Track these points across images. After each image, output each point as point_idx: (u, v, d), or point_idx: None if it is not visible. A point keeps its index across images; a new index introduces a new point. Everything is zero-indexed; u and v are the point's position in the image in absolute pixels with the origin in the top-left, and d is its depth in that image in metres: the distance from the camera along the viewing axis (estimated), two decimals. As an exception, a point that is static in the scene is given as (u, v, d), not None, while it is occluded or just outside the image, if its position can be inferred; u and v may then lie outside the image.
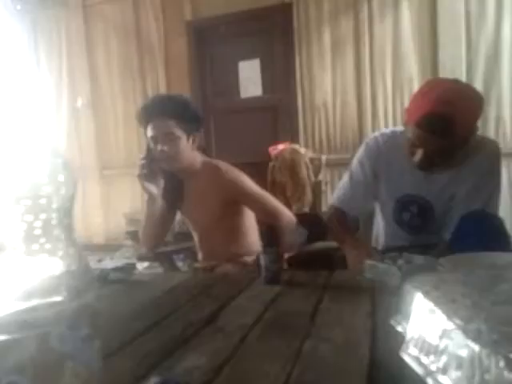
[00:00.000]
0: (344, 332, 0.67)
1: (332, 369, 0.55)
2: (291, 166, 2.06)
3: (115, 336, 0.70)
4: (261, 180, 1.64)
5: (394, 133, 1.38)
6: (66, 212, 0.41)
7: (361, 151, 1.42)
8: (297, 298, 0.87)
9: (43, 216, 0.40)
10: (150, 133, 1.51)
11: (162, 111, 1.50)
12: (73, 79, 4.22)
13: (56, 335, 0.34)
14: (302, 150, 2.21)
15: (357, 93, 3.29)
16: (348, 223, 1.42)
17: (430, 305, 0.54)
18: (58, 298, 0.37)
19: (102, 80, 4.14)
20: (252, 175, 1.60)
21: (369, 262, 0.96)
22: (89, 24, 4.14)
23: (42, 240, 0.41)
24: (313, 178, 2.06)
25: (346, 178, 1.45)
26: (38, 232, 0.41)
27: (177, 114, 1.51)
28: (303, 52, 3.44)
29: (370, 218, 1.56)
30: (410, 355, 0.52)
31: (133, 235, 3.07)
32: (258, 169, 1.87)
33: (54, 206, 0.40)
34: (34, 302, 0.36)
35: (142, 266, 1.76)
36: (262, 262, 1.00)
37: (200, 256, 1.74)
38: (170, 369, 0.59)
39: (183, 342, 0.69)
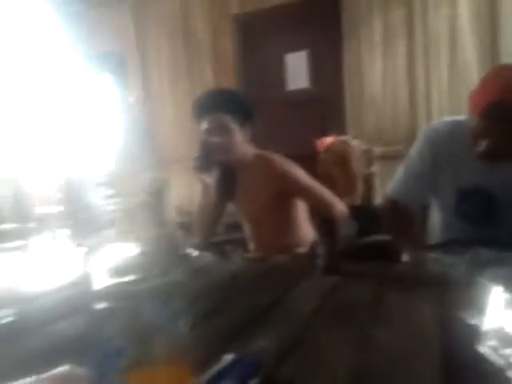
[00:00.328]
0: (412, 323, 0.66)
1: (404, 358, 0.55)
2: (342, 158, 2.03)
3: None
4: (308, 173, 1.63)
5: (455, 121, 1.33)
6: (158, 195, 0.43)
7: (419, 140, 1.37)
8: (358, 289, 0.87)
9: (136, 198, 0.42)
10: (204, 126, 1.55)
11: (215, 105, 1.55)
12: (125, 76, 4.40)
13: (148, 307, 0.37)
14: (353, 142, 2.18)
15: (409, 83, 3.17)
16: (404, 216, 1.38)
17: (510, 297, 0.52)
18: (150, 274, 0.39)
19: (153, 76, 4.28)
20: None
21: (432, 254, 0.94)
22: (138, 22, 4.29)
23: (136, 221, 0.43)
24: (364, 171, 2.02)
25: (402, 168, 1.41)
26: (131, 213, 0.43)
27: (230, 107, 1.55)
28: (352, 42, 3.36)
29: (427, 210, 1.52)
30: (488, 347, 0.51)
31: (182, 226, 3.16)
32: (305, 162, 1.86)
33: (147, 189, 0.42)
34: (129, 277, 0.39)
35: (193, 255, 1.81)
36: (320, 252, 1.00)
37: (251, 247, 1.77)
38: (239, 349, 0.60)
39: (247, 326, 0.71)
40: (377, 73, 3.28)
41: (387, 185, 1.47)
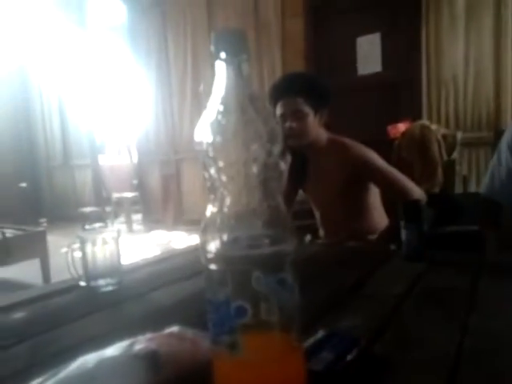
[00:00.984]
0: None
1: (509, 345, 0.52)
2: (421, 143, 1.92)
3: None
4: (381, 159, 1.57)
5: None
6: (273, 167, 0.44)
7: (509, 130, 1.26)
8: (447, 275, 0.83)
9: (245, 170, 0.43)
10: (278, 111, 1.56)
11: (291, 89, 1.54)
12: (197, 65, 4.53)
13: (255, 275, 0.39)
14: (434, 126, 2.05)
15: (495, 63, 2.90)
16: (498, 215, 1.29)
17: None
18: (259, 244, 0.40)
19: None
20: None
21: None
22: (211, 10, 4.37)
23: (244, 193, 0.45)
24: (445, 157, 1.90)
25: (494, 162, 1.31)
26: (239, 185, 0.45)
27: (305, 91, 1.54)
28: (431, 20, 3.14)
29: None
30: None
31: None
32: (376, 147, 1.81)
33: (264, 160, 0.43)
34: (239, 245, 0.40)
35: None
36: (404, 237, 0.97)
37: (321, 233, 1.76)
38: (330, 326, 0.61)
39: (334, 305, 0.71)
40: (458, 52, 3.04)
41: (468, 172, 1.39)
